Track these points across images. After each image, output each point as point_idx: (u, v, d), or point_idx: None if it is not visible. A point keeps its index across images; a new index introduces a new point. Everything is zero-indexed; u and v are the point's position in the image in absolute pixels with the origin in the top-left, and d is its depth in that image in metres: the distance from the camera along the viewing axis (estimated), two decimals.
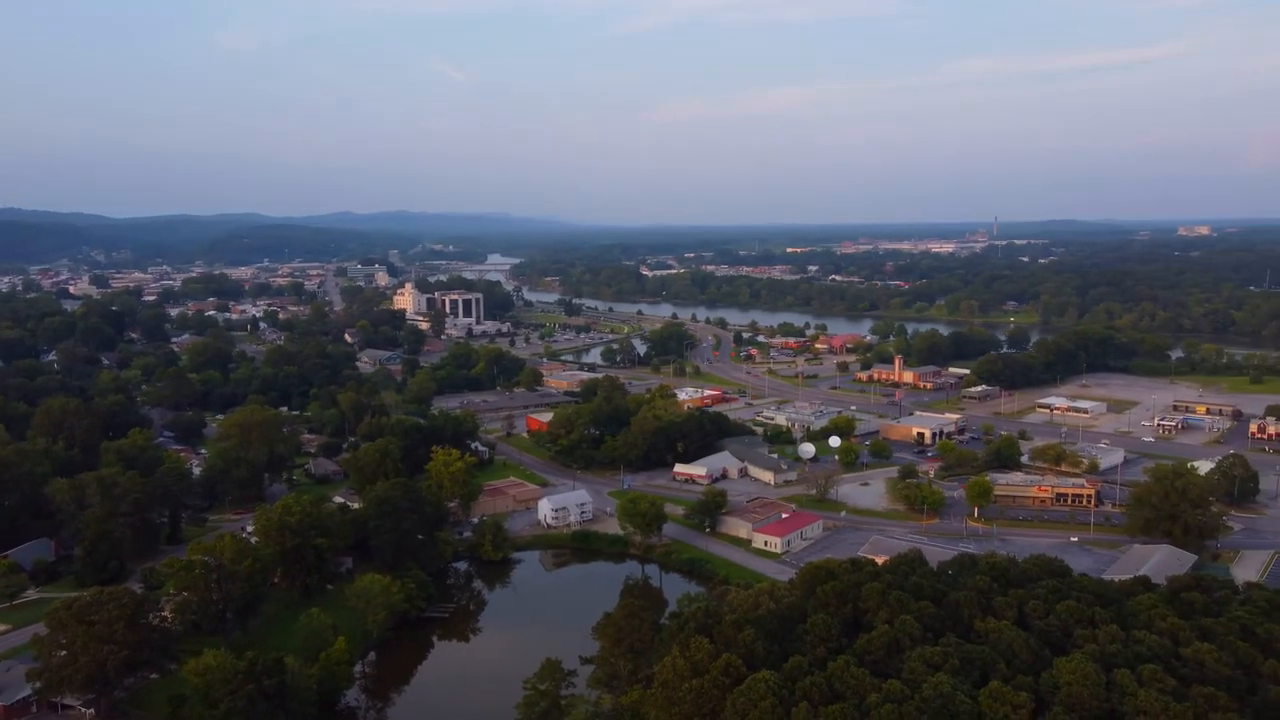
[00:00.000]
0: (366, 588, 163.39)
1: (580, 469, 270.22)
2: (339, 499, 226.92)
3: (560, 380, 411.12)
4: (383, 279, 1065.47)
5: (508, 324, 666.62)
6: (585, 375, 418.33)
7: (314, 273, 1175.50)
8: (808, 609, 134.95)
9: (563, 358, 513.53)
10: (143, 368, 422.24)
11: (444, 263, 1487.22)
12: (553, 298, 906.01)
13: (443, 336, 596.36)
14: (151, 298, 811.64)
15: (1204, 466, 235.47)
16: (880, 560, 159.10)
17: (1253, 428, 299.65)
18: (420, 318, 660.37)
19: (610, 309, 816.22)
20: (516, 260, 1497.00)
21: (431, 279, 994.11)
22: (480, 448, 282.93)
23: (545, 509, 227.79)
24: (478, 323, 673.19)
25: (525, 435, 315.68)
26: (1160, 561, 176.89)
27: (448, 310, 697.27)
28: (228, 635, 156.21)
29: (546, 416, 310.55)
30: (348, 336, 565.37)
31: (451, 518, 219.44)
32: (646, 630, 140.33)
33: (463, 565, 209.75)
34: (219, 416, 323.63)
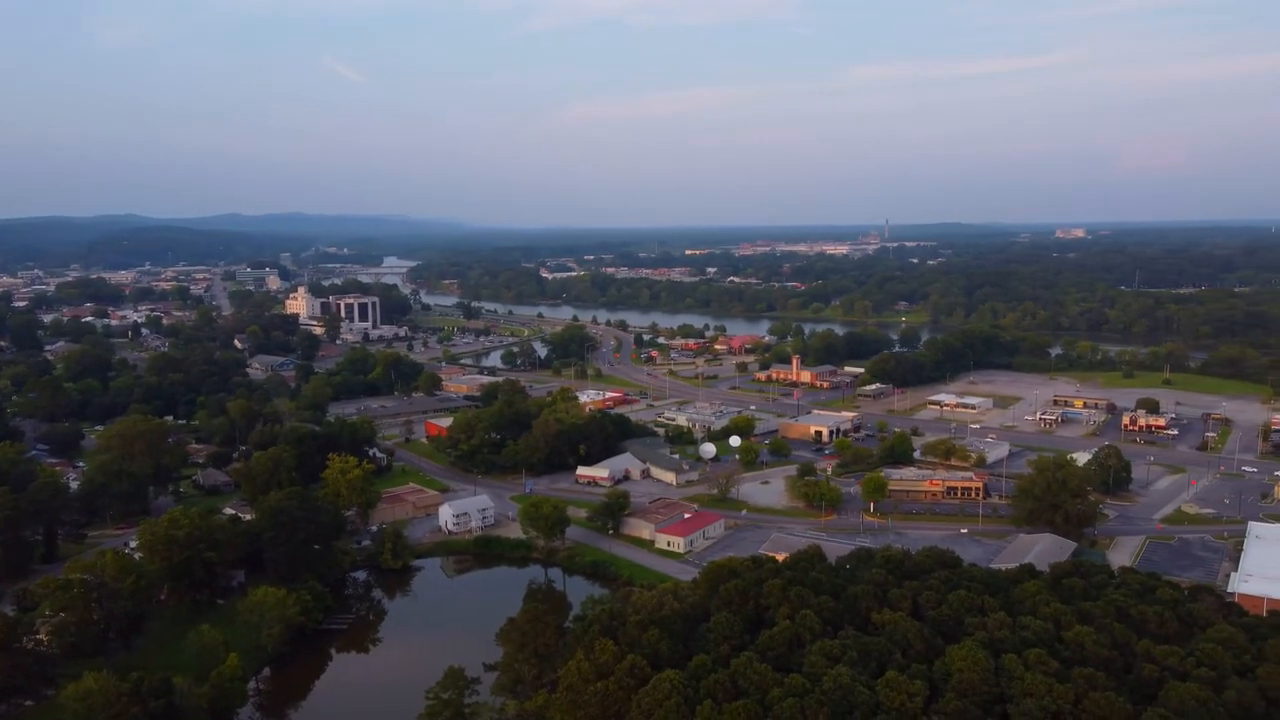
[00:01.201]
0: (260, 601, 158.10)
1: (481, 474, 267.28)
2: (230, 510, 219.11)
3: (460, 384, 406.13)
4: (274, 283, 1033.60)
5: (405, 328, 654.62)
6: (485, 379, 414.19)
7: (200, 277, 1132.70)
8: (711, 607, 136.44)
9: (462, 361, 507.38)
10: (13, 377, 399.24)
11: (339, 266, 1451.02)
12: (451, 301, 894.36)
13: (338, 341, 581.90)
14: (22, 303, 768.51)
15: (1082, 458, 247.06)
16: (781, 557, 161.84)
17: (1125, 420, 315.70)
18: (314, 322, 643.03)
19: (510, 312, 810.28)
20: (414, 263, 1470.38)
21: (326, 282, 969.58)
22: (378, 454, 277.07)
23: (446, 515, 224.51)
24: (374, 327, 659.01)
25: (425, 441, 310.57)
26: (1043, 550, 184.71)
27: (343, 314, 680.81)
28: (111, 656, 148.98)
29: (446, 421, 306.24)
30: (237, 342, 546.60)
31: (349, 526, 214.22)
32: (550, 634, 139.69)
33: (362, 575, 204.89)
34: (98, 427, 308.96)
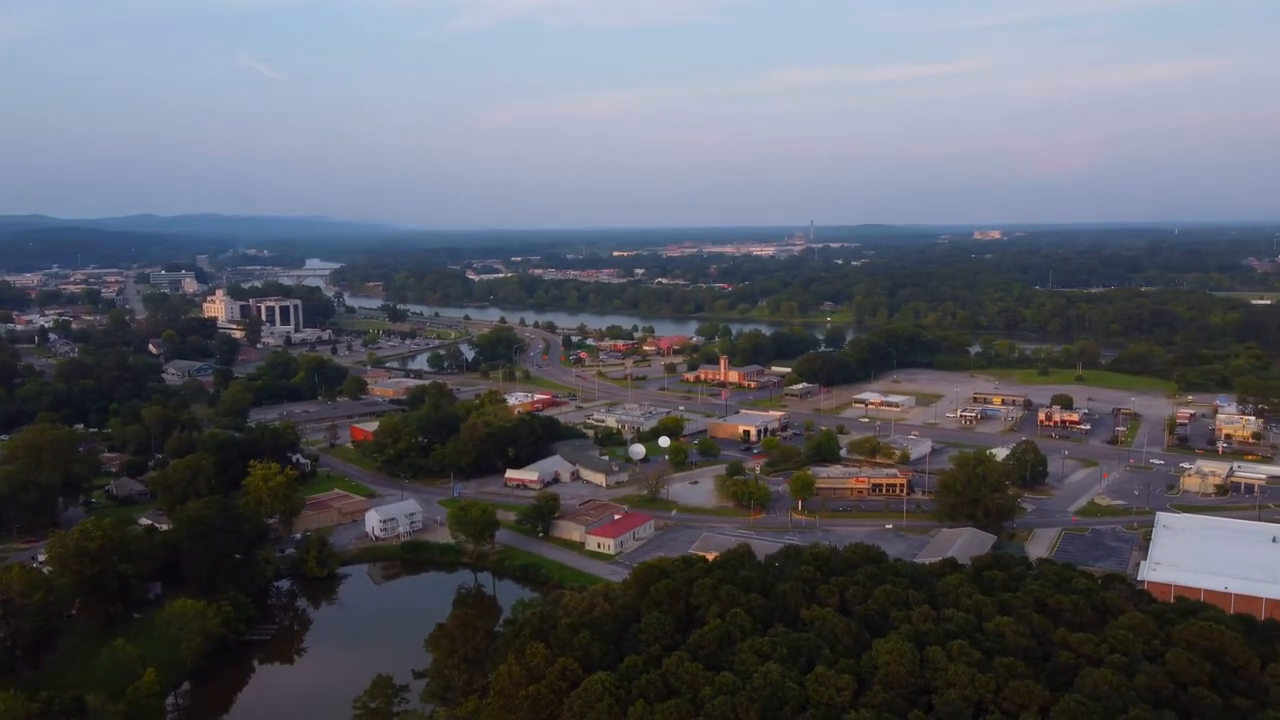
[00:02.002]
0: (178, 614, 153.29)
1: (409, 478, 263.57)
2: (146, 521, 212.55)
3: (386, 388, 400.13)
4: (191, 285, 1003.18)
5: (329, 331, 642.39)
6: (412, 382, 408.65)
7: (112, 279, 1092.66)
8: (642, 608, 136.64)
9: (388, 365, 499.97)
10: None
11: (259, 268, 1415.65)
12: (376, 303, 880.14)
13: (259, 345, 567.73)
14: None
15: (1001, 453, 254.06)
16: (711, 556, 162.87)
17: (1041, 416, 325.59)
18: (234, 326, 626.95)
19: (436, 314, 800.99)
20: (337, 265, 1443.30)
21: (246, 285, 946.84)
22: (302, 460, 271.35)
23: (373, 521, 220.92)
24: (296, 330, 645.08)
25: (350, 446, 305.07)
26: (965, 543, 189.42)
27: (264, 318, 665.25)
28: (19, 675, 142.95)
29: (372, 426, 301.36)
30: (152, 347, 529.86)
31: (272, 535, 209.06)
32: (481, 639, 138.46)
33: (285, 584, 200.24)
34: (3, 437, 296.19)
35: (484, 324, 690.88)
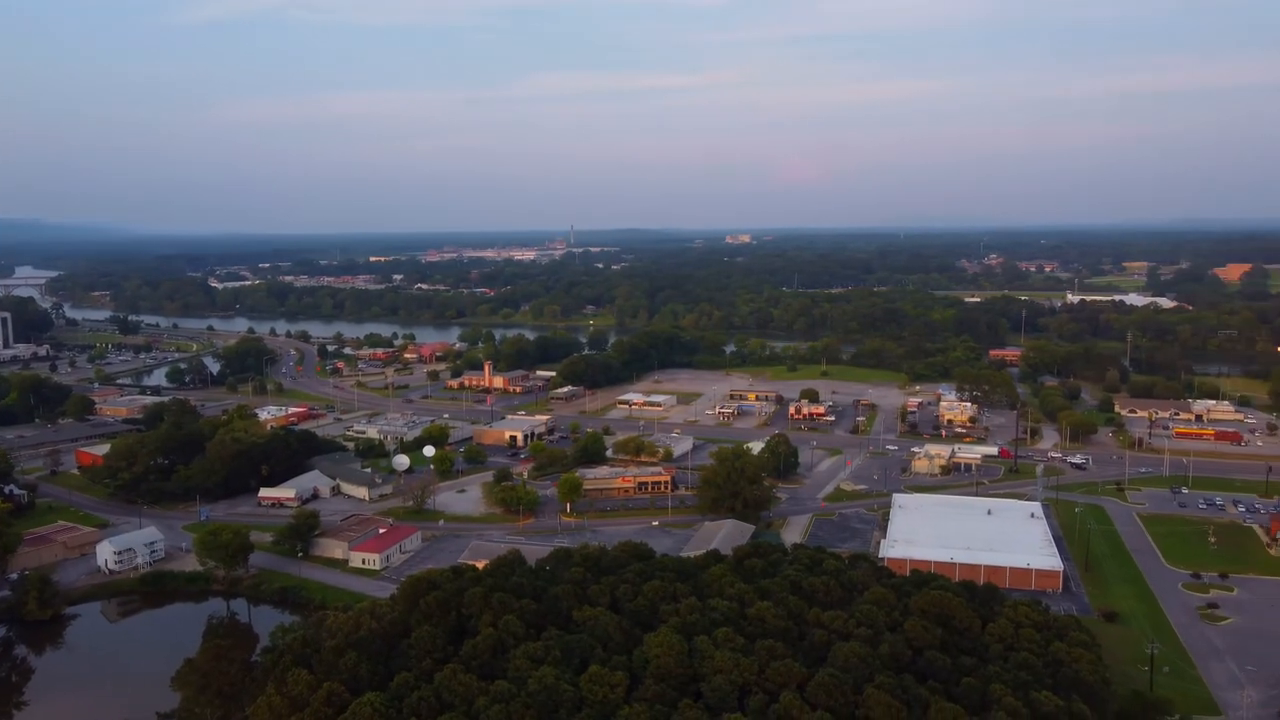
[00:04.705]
0: None
1: (148, 504, 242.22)
2: None
3: (118, 407, 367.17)
4: None
5: (47, 346, 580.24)
6: (149, 400, 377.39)
7: None
8: (412, 623, 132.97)
9: (119, 381, 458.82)
10: None
11: None
12: (104, 315, 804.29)
13: None
14: None
15: (756, 447, 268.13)
16: (481, 564, 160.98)
17: (792, 410, 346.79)
18: None
19: (175, 325, 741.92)
20: (55, 273, 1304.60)
21: None
22: (17, 491, 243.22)
23: (106, 553, 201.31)
24: (6, 346, 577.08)
25: (76, 472, 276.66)
26: (727, 535, 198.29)
27: None
28: None
29: (103, 449, 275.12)
30: None
31: None
32: (236, 671, 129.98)
33: (0, 631, 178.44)
34: None
35: (230, 335, 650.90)
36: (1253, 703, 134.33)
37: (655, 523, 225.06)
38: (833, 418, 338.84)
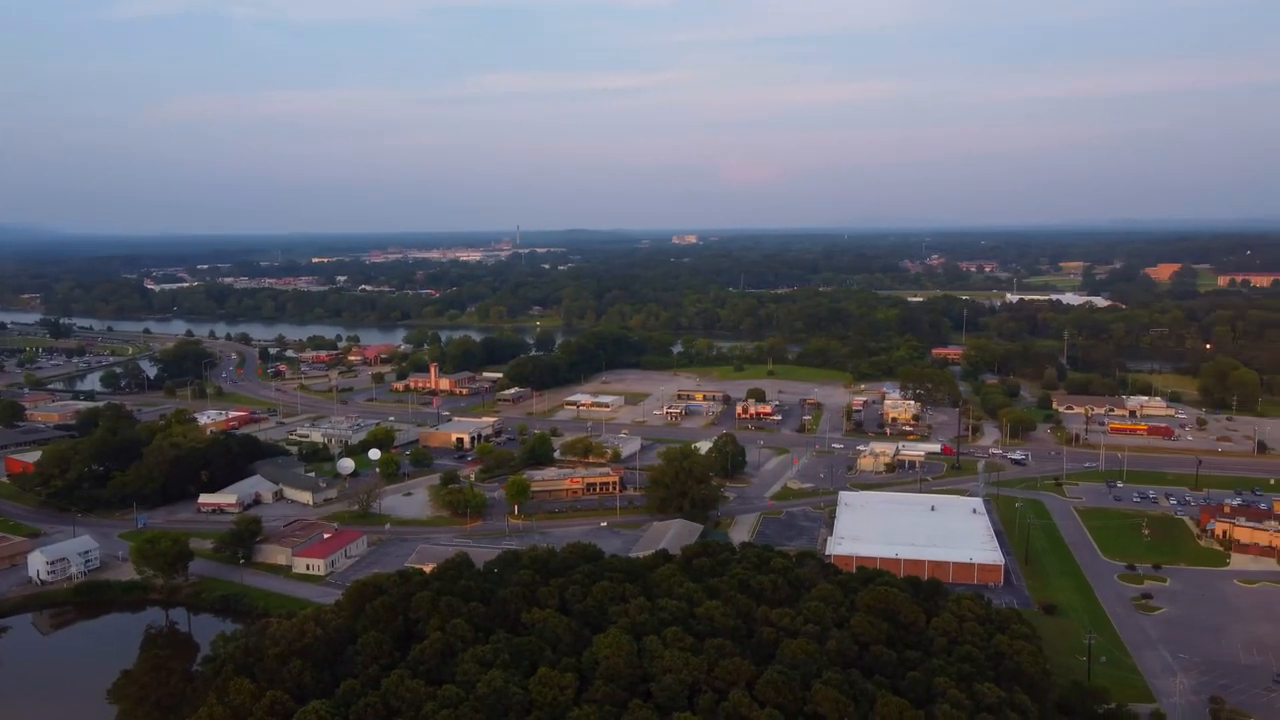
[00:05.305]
0: None
1: (83, 512, 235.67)
2: None
3: (49, 412, 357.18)
4: None
5: None
6: (82, 404, 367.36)
7: None
8: (358, 628, 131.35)
9: (50, 386, 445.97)
10: None
11: None
12: (34, 318, 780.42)
13: None
14: None
15: (704, 446, 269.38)
16: (428, 568, 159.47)
17: (739, 409, 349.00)
18: None
19: (110, 328, 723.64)
20: None
21: None
22: None
23: (37, 563, 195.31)
24: None
25: (5, 480, 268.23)
26: (675, 534, 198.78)
27: None
28: None
29: (34, 456, 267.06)
30: None
31: None
32: (176, 681, 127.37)
33: None
34: None
35: (168, 338, 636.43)
36: (1184, 689, 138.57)
37: (604, 523, 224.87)
38: (779, 417, 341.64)
